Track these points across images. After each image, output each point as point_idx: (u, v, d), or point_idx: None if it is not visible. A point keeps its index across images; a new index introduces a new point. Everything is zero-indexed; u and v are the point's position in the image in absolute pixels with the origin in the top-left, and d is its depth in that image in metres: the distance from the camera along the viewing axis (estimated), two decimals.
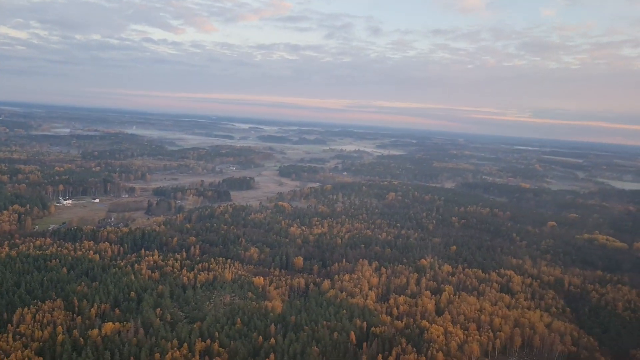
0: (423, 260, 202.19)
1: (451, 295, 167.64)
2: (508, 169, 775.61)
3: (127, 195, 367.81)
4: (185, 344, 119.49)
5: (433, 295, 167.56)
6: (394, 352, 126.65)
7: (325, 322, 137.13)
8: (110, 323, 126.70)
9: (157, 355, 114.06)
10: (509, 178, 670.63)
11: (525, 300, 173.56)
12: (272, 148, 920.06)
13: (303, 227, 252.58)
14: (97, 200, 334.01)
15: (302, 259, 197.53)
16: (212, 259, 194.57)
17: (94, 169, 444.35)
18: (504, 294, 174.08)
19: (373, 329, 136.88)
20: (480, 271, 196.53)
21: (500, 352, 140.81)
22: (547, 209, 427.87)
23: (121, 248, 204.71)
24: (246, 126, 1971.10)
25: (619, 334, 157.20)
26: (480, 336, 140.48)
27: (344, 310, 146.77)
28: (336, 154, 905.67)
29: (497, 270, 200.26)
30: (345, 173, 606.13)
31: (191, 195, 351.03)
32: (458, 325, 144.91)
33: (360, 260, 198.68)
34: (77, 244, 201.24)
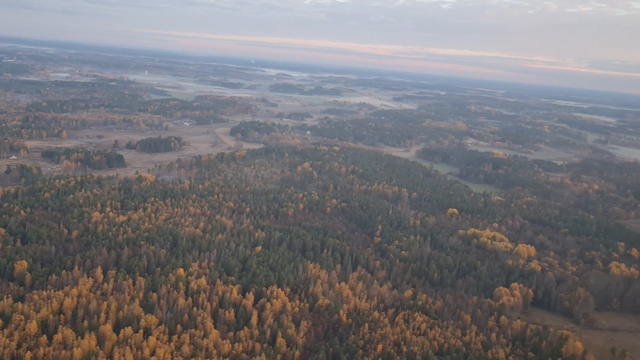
0: (180, 270, 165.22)
1: (138, 332, 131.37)
2: (507, 131, 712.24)
3: (14, 157, 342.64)
4: None
5: (123, 328, 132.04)
6: None
7: None
8: None
9: None
10: (496, 142, 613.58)
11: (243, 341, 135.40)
12: (265, 99, 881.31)
13: (112, 213, 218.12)
14: None
15: (26, 263, 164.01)
16: None
17: (10, 122, 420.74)
18: (215, 326, 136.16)
19: None
20: (236, 289, 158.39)
21: None
22: (494, 185, 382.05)
23: None
24: (274, 72, 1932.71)
25: None
26: None
27: None
28: (331, 107, 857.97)
29: (267, 288, 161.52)
30: (308, 132, 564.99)
31: (67, 160, 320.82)
32: None
33: (99, 268, 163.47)
34: None
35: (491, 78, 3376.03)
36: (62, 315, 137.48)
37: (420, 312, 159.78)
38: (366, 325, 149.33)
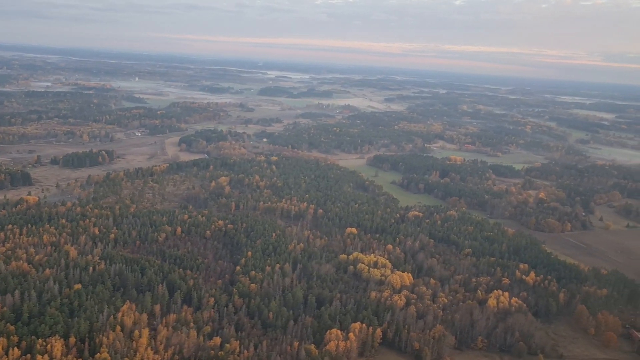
0: None
1: None
2: (482, 132, 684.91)
3: None
4: None
5: None
6: None
7: None
8: None
9: None
10: (465, 145, 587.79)
11: None
12: (244, 104, 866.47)
13: None
14: None
15: None
16: None
17: None
18: None
19: None
20: (2, 342, 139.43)
21: None
22: (433, 195, 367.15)
23: None
24: (274, 74, 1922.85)
25: None
26: None
27: None
28: (310, 111, 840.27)
29: (46, 339, 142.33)
30: (265, 140, 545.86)
31: None
32: None
33: None
34: None
35: (505, 74, 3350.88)
36: None
37: None
38: None
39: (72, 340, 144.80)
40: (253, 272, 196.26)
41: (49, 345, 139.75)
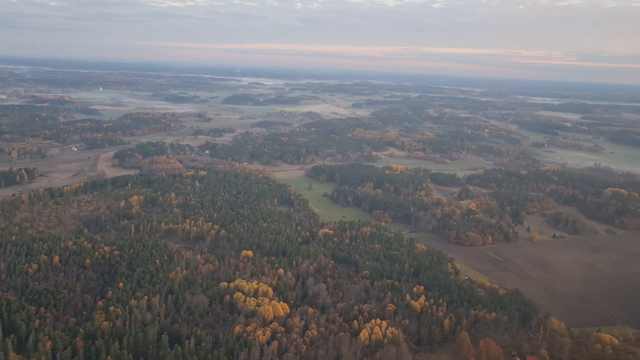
0: None
1: None
2: (437, 139, 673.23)
3: None
4: None
5: None
6: None
7: None
8: None
9: None
10: (415, 152, 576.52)
11: None
12: (202, 114, 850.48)
13: None
14: None
15: None
16: None
17: None
18: None
19: None
20: None
21: None
22: (361, 208, 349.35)
23: None
24: (247, 81, 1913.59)
25: None
26: None
27: None
28: (269, 119, 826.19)
29: None
30: (207, 152, 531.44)
31: None
32: None
33: None
34: None
35: (484, 75, 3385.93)
36: None
37: None
38: None
39: None
40: (112, 307, 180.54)
41: None
